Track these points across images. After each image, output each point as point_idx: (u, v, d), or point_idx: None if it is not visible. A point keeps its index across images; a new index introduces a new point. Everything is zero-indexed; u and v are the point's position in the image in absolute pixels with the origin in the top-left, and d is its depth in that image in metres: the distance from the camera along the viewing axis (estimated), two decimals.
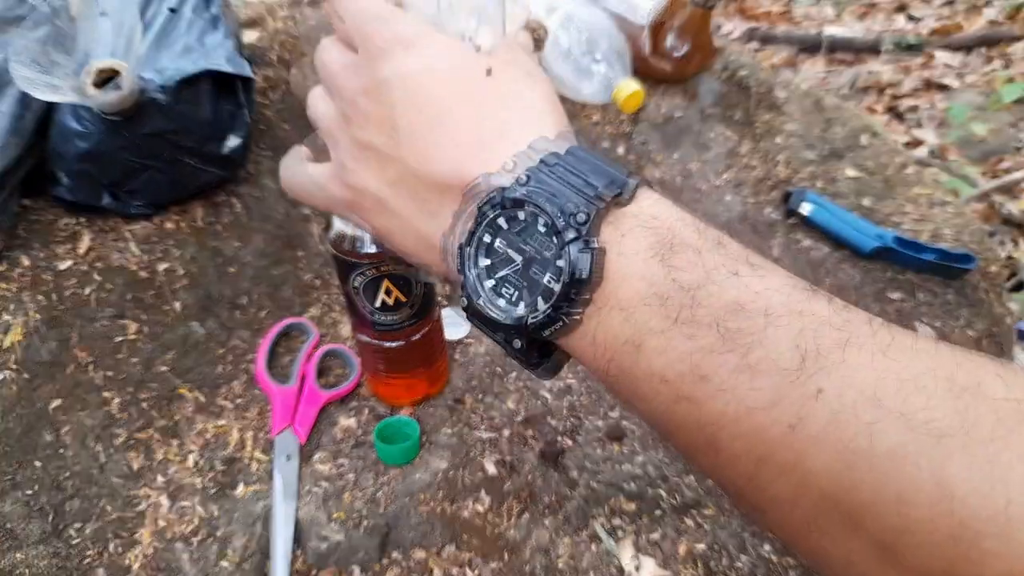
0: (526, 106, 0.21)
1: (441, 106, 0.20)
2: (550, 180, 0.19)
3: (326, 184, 0.23)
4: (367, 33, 0.21)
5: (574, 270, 0.18)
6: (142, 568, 0.44)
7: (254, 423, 0.50)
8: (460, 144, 0.20)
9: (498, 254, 0.19)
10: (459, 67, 0.21)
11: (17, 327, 0.47)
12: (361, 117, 0.21)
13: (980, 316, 0.63)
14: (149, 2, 0.58)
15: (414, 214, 0.21)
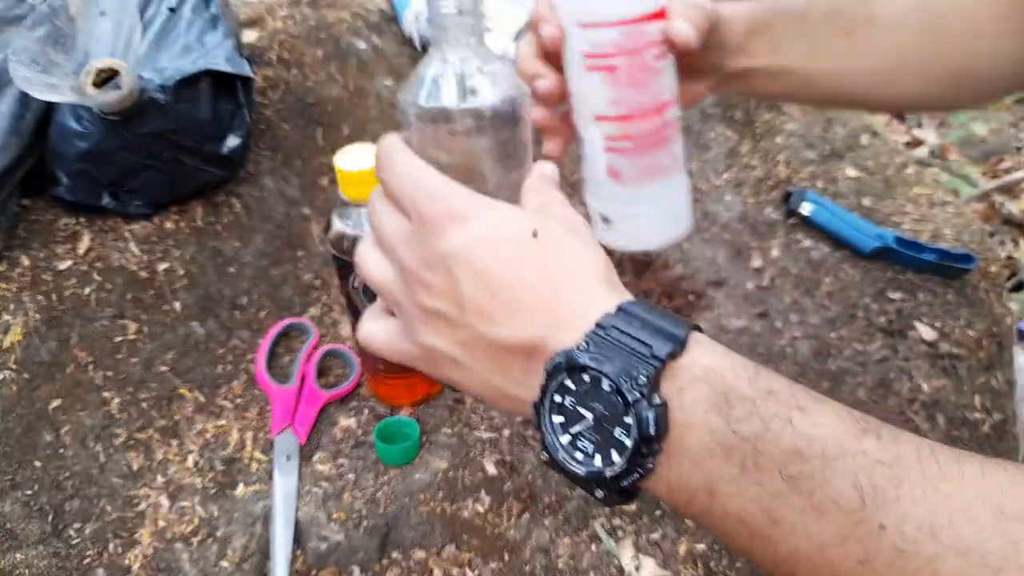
0: (578, 265, 0.23)
1: (500, 276, 0.22)
2: (608, 343, 0.21)
3: (398, 341, 0.25)
4: (418, 208, 0.23)
5: (642, 427, 0.20)
6: (142, 568, 0.43)
7: (254, 423, 0.50)
8: (521, 310, 0.22)
9: (569, 412, 0.21)
10: (509, 235, 0.23)
11: (17, 327, 0.47)
12: (424, 287, 0.23)
13: (980, 316, 0.63)
14: (148, 2, 0.58)
15: (488, 372, 0.23)
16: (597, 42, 0.32)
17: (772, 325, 0.59)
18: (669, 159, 0.35)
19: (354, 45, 0.70)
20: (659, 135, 0.34)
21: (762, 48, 0.36)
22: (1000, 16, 0.36)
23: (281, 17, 0.70)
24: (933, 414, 0.56)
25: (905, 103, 0.42)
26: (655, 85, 0.33)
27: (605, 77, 0.32)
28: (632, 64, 0.32)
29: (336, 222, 0.44)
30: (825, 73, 0.38)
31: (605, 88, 0.33)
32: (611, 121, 0.34)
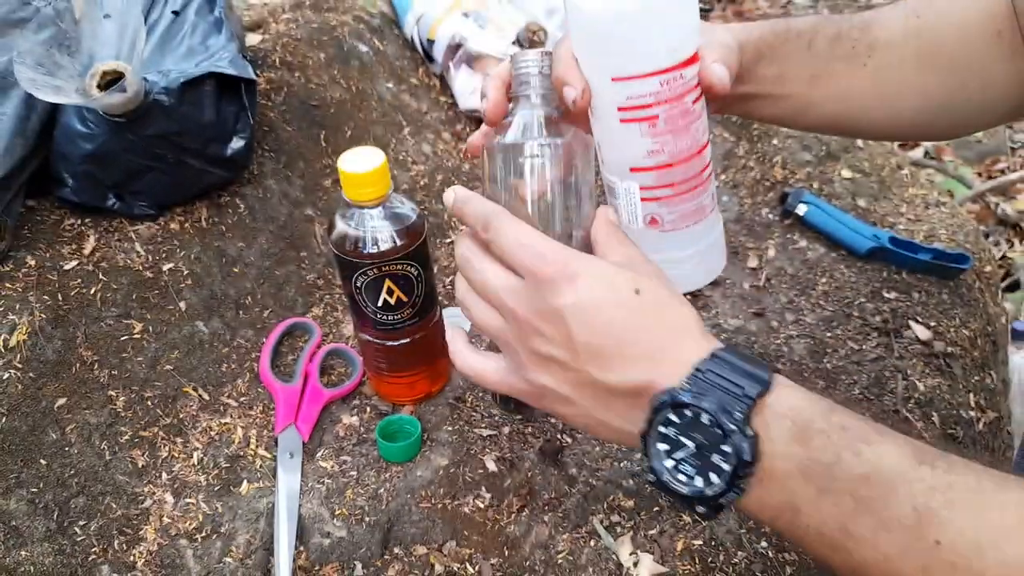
0: (674, 318, 0.27)
1: (611, 327, 0.27)
2: (706, 384, 0.25)
3: (507, 376, 0.30)
4: (532, 270, 0.27)
5: (740, 454, 0.24)
6: (146, 565, 0.44)
7: (258, 421, 0.51)
8: (629, 358, 0.26)
9: (672, 441, 0.26)
10: (615, 293, 0.27)
11: (22, 326, 0.47)
12: (539, 336, 0.27)
13: (975, 316, 0.64)
14: (153, 5, 0.58)
15: (597, 410, 0.27)
16: (634, 94, 0.30)
17: (768, 324, 0.60)
18: (708, 199, 0.34)
19: (356, 48, 0.70)
20: (699, 178, 0.33)
21: (768, 74, 0.37)
22: (992, 42, 0.37)
23: (284, 20, 0.71)
24: (928, 413, 0.57)
25: (902, 130, 0.43)
26: (695, 128, 0.32)
27: (643, 128, 0.31)
28: (672, 112, 0.31)
29: (339, 223, 0.45)
30: (824, 98, 0.39)
31: (643, 139, 0.31)
32: (649, 171, 0.32)
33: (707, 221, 0.35)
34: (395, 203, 0.45)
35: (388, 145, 0.67)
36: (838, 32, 0.38)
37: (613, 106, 0.31)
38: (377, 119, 0.68)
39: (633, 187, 0.33)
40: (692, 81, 0.31)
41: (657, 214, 0.34)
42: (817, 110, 0.39)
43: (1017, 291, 1.17)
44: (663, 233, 0.34)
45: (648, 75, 0.30)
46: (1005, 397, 0.66)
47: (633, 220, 0.34)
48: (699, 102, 0.32)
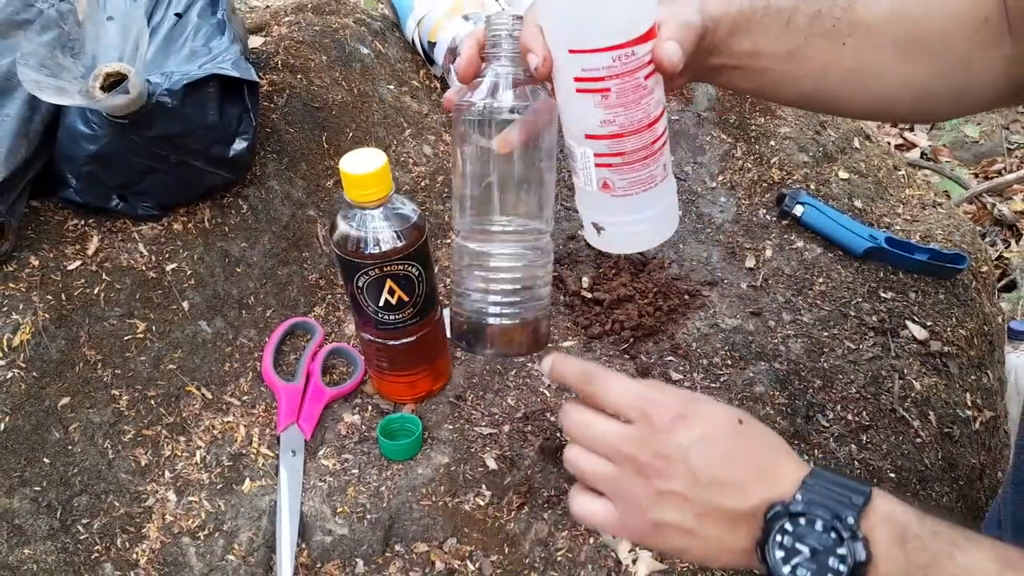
0: (774, 442, 0.31)
1: (727, 457, 0.30)
2: (816, 495, 0.28)
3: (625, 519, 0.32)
4: (646, 413, 0.31)
5: (855, 555, 0.27)
6: (149, 563, 0.44)
7: (260, 420, 0.51)
8: (747, 482, 0.30)
9: (788, 548, 0.28)
10: (725, 427, 0.31)
11: (26, 326, 0.47)
12: (660, 475, 0.30)
13: (971, 315, 0.65)
14: (156, 7, 0.59)
15: (720, 535, 0.30)
16: (588, 67, 0.32)
17: (765, 324, 0.60)
18: (659, 169, 0.36)
19: (358, 51, 0.71)
20: (650, 149, 0.35)
21: (743, 47, 0.37)
22: (975, 28, 0.37)
23: (286, 23, 0.71)
24: (925, 412, 0.57)
25: (879, 110, 0.43)
26: (646, 103, 0.33)
27: (596, 99, 0.33)
28: (623, 86, 0.32)
29: (340, 224, 0.45)
30: (802, 74, 0.39)
31: (596, 109, 0.33)
32: (602, 140, 0.34)
33: (657, 189, 0.36)
34: (396, 204, 0.45)
35: (389, 146, 0.67)
36: (819, 10, 0.38)
37: (570, 76, 0.33)
38: (378, 121, 0.68)
39: (588, 152, 0.35)
40: (645, 58, 0.32)
41: (609, 179, 0.35)
42: (793, 86, 0.39)
43: (1013, 291, 1.17)
44: (615, 197, 0.36)
45: (601, 50, 0.32)
46: (1001, 396, 0.67)
47: (588, 183, 0.36)
48: (652, 77, 0.33)
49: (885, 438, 0.54)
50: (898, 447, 0.54)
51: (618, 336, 0.58)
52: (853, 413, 0.55)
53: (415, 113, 0.71)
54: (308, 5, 0.74)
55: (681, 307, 0.61)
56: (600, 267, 0.64)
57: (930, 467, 0.55)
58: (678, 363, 0.57)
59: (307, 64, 0.67)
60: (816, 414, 0.55)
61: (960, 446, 0.58)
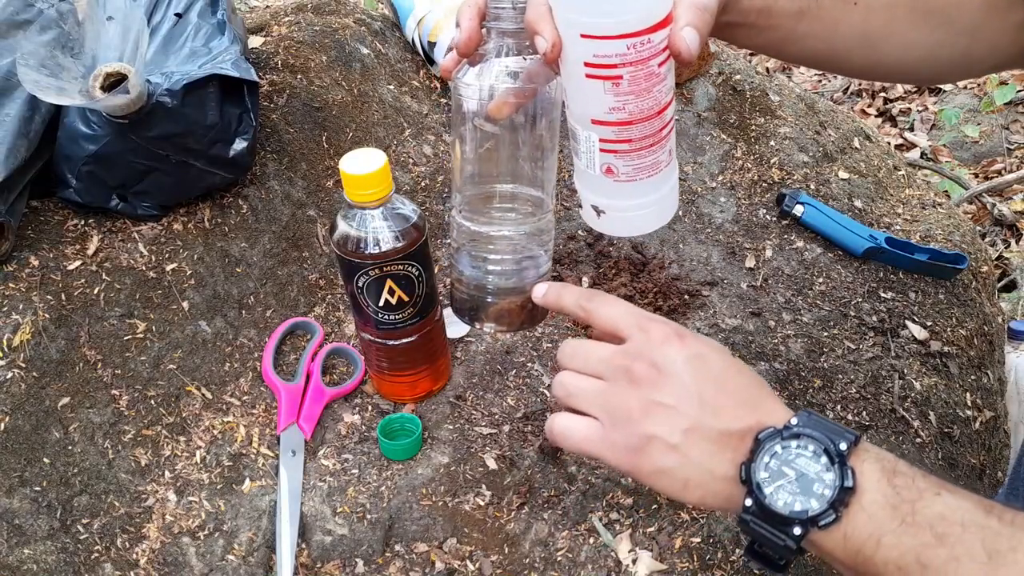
0: (763, 384, 0.32)
1: (721, 378, 0.30)
2: (810, 424, 0.29)
3: (607, 436, 0.31)
4: (644, 326, 0.31)
5: (844, 480, 0.27)
6: (149, 563, 0.44)
7: (260, 419, 0.51)
8: (742, 404, 0.30)
9: (772, 470, 0.29)
10: (721, 352, 0.31)
11: (26, 326, 0.47)
12: (654, 384, 0.30)
13: (971, 315, 0.65)
14: (155, 7, 0.59)
15: (703, 455, 0.30)
16: (600, 53, 0.31)
17: (765, 324, 0.60)
18: (664, 155, 0.35)
19: (358, 51, 0.71)
20: (657, 136, 0.34)
21: (754, 4, 0.36)
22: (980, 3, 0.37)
23: (286, 23, 0.71)
24: (925, 412, 0.57)
25: (884, 71, 0.43)
26: (657, 90, 0.32)
27: (606, 86, 0.31)
28: (636, 74, 0.31)
29: (340, 224, 0.45)
30: (811, 33, 0.38)
31: (606, 96, 0.32)
32: (609, 126, 0.33)
33: (661, 174, 0.35)
34: (396, 204, 0.45)
35: (389, 147, 0.67)
36: None
37: (580, 61, 0.31)
38: (379, 121, 0.68)
39: (593, 137, 0.34)
40: (660, 45, 0.31)
41: (614, 165, 0.34)
42: (800, 44, 0.39)
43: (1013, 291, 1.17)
44: (617, 182, 0.35)
45: (616, 37, 0.30)
46: (1001, 396, 0.67)
47: (591, 167, 0.35)
48: (665, 64, 0.32)
49: (885, 438, 0.54)
50: (898, 447, 0.54)
51: None
52: (853, 413, 0.55)
53: (415, 113, 0.71)
54: (308, 5, 0.74)
55: (681, 307, 0.61)
56: (600, 267, 0.64)
57: (930, 467, 0.55)
58: None
59: (307, 64, 0.67)
60: None
61: (960, 446, 0.58)
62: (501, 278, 0.36)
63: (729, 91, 0.79)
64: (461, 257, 0.38)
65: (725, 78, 0.80)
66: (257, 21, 0.72)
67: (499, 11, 0.33)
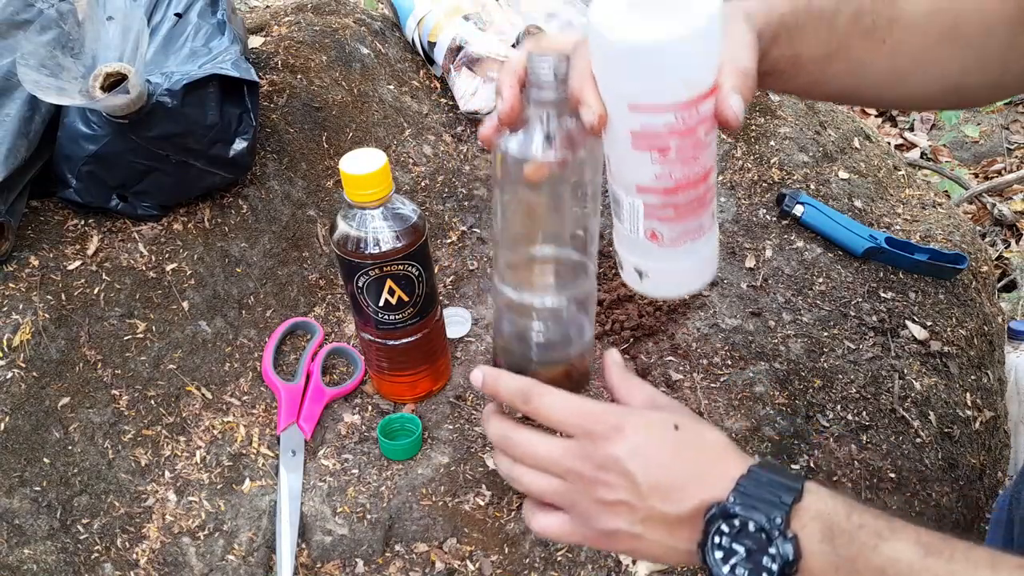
0: (711, 442, 0.32)
1: (664, 463, 0.31)
2: (748, 496, 0.30)
3: (578, 528, 0.33)
4: (585, 428, 0.32)
5: (785, 555, 0.29)
6: (149, 563, 0.44)
7: (260, 419, 0.51)
8: (686, 486, 0.31)
9: (727, 548, 0.30)
10: (661, 434, 0.32)
11: (26, 326, 0.47)
12: (603, 485, 0.31)
13: (971, 315, 0.65)
14: (155, 7, 0.59)
15: (665, 538, 0.31)
16: (649, 123, 0.30)
17: (765, 324, 0.60)
18: (708, 219, 0.35)
19: (358, 51, 0.71)
20: (702, 200, 0.34)
21: (783, 55, 0.36)
22: (1016, 15, 0.37)
23: (286, 23, 0.71)
24: (925, 412, 0.57)
25: (913, 102, 0.44)
26: (704, 157, 0.32)
27: (653, 155, 0.31)
28: (683, 143, 0.31)
29: (340, 224, 0.45)
30: (837, 74, 0.38)
31: (652, 165, 0.32)
32: (656, 193, 0.33)
33: (705, 237, 0.36)
34: (396, 204, 0.45)
35: (389, 147, 0.67)
36: (859, 8, 0.37)
37: (626, 130, 0.31)
38: (378, 121, 0.68)
39: (638, 203, 0.34)
40: (707, 113, 0.31)
41: (658, 230, 0.34)
42: (830, 85, 0.39)
43: (1013, 291, 1.17)
44: (661, 247, 0.35)
45: (665, 108, 0.30)
46: (1001, 396, 0.67)
47: (634, 232, 0.35)
48: (711, 132, 0.32)
49: (885, 438, 0.54)
50: (898, 447, 0.54)
51: (618, 336, 0.58)
52: (853, 413, 0.55)
53: (415, 113, 0.71)
54: (308, 5, 0.74)
55: (681, 307, 0.61)
56: (600, 267, 0.64)
57: (930, 467, 0.55)
58: (678, 363, 0.57)
59: (307, 64, 0.67)
60: (816, 414, 0.55)
61: (960, 446, 0.58)
62: (543, 349, 0.36)
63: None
64: (503, 324, 0.37)
65: None
66: (257, 21, 0.72)
67: (540, 79, 0.32)
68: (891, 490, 0.53)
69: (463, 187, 0.68)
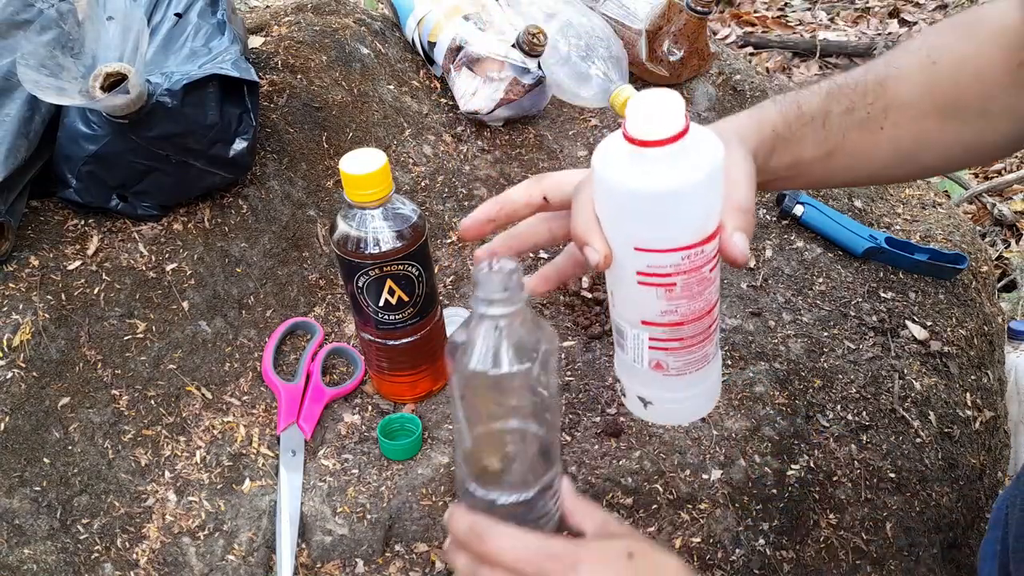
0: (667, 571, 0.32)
1: None
2: None
3: None
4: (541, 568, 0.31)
5: None
6: (149, 563, 0.44)
7: (260, 419, 0.51)
8: None
9: None
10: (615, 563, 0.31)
11: (26, 326, 0.47)
12: None
13: (971, 315, 0.65)
14: (155, 7, 0.59)
15: None
16: (654, 264, 0.31)
17: (765, 324, 0.60)
18: (712, 347, 0.36)
19: (358, 51, 0.71)
20: (707, 332, 0.34)
21: (781, 163, 0.37)
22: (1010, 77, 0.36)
23: (286, 23, 0.71)
24: (925, 412, 0.57)
25: (925, 174, 0.45)
26: (708, 293, 0.33)
27: (659, 292, 0.32)
28: (689, 280, 0.32)
29: (340, 224, 0.45)
30: (846, 166, 0.39)
31: (658, 301, 0.32)
32: (661, 327, 0.33)
33: (709, 366, 0.36)
34: (396, 204, 0.45)
35: (389, 147, 0.67)
36: (851, 104, 0.38)
37: (632, 269, 0.32)
38: (378, 121, 0.68)
39: (643, 335, 0.34)
40: (712, 253, 0.32)
41: (664, 361, 0.35)
42: (836, 178, 0.41)
43: (1013, 291, 1.17)
44: (667, 376, 0.35)
45: (671, 250, 0.31)
46: (1001, 396, 0.67)
47: (639, 362, 0.35)
48: (715, 269, 0.33)
49: (885, 438, 0.54)
50: (898, 447, 0.54)
51: None
52: (853, 413, 0.55)
53: (415, 113, 0.71)
54: (308, 5, 0.74)
55: None
56: None
57: (930, 467, 0.55)
58: None
59: (307, 64, 0.67)
60: (816, 414, 0.55)
61: (960, 446, 0.58)
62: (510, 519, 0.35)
63: (729, 91, 0.79)
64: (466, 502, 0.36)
65: (725, 78, 0.80)
66: (257, 21, 0.72)
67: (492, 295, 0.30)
68: (891, 490, 0.53)
69: (463, 187, 0.68)
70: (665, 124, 0.29)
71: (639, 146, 0.29)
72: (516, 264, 0.30)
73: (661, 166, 0.30)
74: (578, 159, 0.72)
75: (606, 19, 0.76)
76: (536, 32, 0.67)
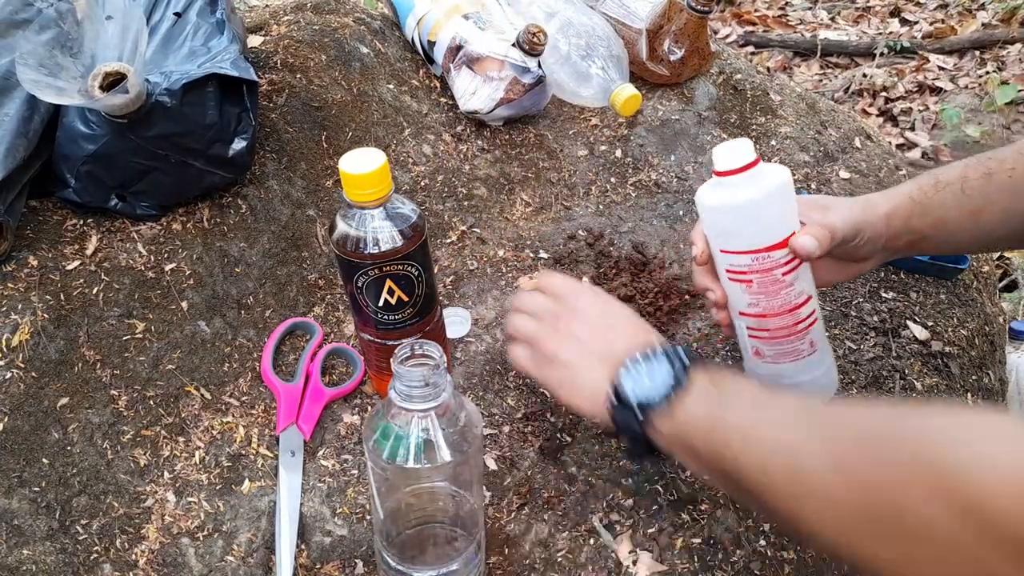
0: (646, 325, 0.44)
1: (609, 322, 0.43)
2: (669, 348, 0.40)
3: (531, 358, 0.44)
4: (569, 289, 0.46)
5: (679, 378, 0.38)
6: (148, 563, 0.44)
7: (259, 420, 0.51)
8: (620, 340, 0.42)
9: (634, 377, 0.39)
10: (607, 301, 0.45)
11: (25, 326, 0.47)
12: (568, 325, 0.43)
13: (973, 315, 0.65)
14: (155, 6, 0.59)
15: (591, 370, 0.41)
16: (733, 264, 0.43)
17: None
18: (805, 345, 0.44)
19: (357, 50, 0.71)
20: (792, 329, 0.44)
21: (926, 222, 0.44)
22: None
23: (286, 22, 0.71)
24: None
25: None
26: (785, 293, 0.42)
27: (742, 287, 0.43)
28: (763, 279, 0.42)
29: (340, 223, 0.45)
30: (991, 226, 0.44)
31: (743, 294, 0.43)
32: (750, 317, 0.44)
33: (804, 361, 0.45)
34: (396, 204, 0.45)
35: (389, 146, 0.67)
36: (988, 170, 0.43)
37: (723, 268, 0.44)
38: (378, 120, 0.68)
39: (742, 325, 0.45)
40: (781, 260, 0.42)
41: (759, 349, 0.45)
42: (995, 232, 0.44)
43: (1014, 291, 1.17)
44: (765, 363, 0.46)
45: (742, 252, 0.42)
46: (1003, 396, 0.67)
47: (745, 350, 0.46)
48: (790, 274, 0.42)
49: None
50: None
51: None
52: None
53: (415, 113, 0.71)
54: (308, 4, 0.74)
55: (682, 307, 0.61)
56: (601, 267, 0.64)
57: None
58: None
59: (306, 63, 0.67)
60: None
61: None
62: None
63: (730, 90, 0.79)
64: None
65: (726, 77, 0.80)
66: (256, 20, 0.72)
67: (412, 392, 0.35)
68: None
69: (463, 187, 0.68)
70: (736, 158, 0.40)
71: (720, 176, 0.41)
72: (439, 354, 0.35)
73: (733, 189, 0.41)
74: (578, 159, 0.72)
75: (606, 18, 0.75)
76: (536, 31, 0.67)
